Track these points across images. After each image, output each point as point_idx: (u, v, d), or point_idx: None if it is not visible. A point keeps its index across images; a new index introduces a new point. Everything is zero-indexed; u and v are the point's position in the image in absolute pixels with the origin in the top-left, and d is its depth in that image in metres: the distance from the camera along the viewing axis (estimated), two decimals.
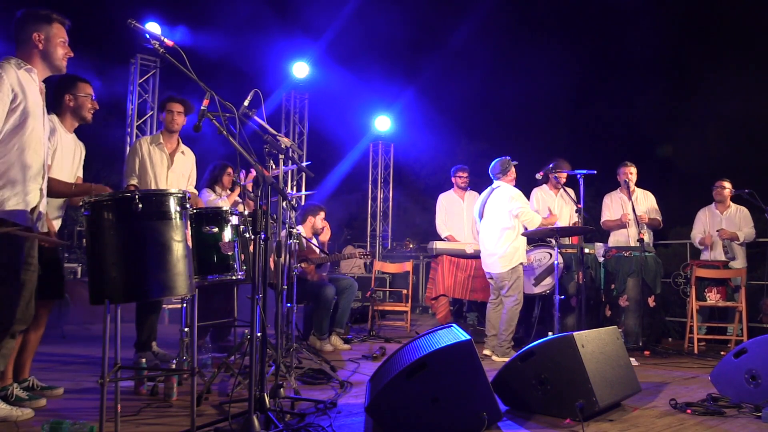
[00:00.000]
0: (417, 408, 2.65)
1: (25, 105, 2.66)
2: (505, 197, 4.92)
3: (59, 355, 4.60)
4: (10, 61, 2.69)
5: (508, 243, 4.87)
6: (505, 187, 4.99)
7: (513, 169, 5.06)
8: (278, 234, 3.25)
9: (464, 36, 15.62)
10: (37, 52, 2.78)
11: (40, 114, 2.75)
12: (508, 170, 5.03)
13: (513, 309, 4.86)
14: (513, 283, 4.87)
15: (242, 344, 3.71)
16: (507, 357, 4.73)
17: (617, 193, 6.02)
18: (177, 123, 4.23)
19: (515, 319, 4.86)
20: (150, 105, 7.94)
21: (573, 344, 2.99)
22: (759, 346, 3.26)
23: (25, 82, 2.69)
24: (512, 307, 4.86)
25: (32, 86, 2.73)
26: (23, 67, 2.71)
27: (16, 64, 2.69)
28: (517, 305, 4.87)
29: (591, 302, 5.52)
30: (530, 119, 17.34)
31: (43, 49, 2.78)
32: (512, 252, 4.86)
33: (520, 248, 4.92)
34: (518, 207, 4.88)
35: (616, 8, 15.35)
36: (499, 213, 4.93)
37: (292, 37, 12.87)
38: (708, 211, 6.19)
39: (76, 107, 3.41)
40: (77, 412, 2.96)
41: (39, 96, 2.77)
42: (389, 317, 7.82)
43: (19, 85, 2.65)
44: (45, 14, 2.81)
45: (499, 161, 5.07)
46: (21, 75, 2.68)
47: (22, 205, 2.66)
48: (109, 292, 2.36)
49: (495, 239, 4.93)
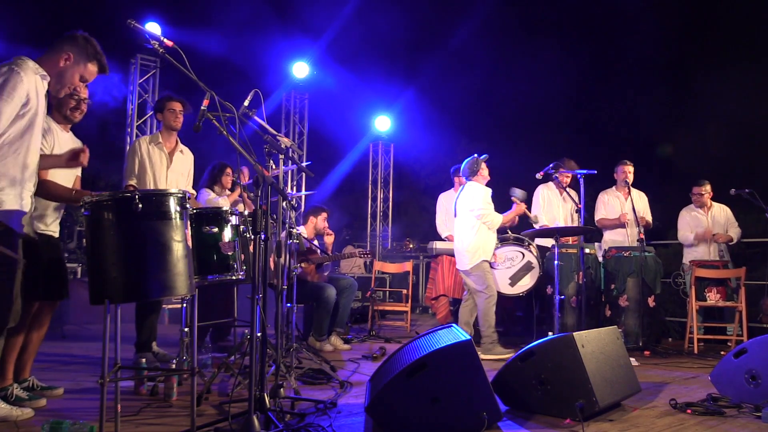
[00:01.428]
0: (417, 408, 2.65)
1: (35, 111, 2.65)
2: (469, 196, 5.08)
3: (59, 355, 4.60)
4: (28, 63, 2.66)
5: (472, 239, 5.01)
6: (473, 186, 5.12)
7: (483, 166, 5.16)
8: (278, 234, 3.25)
9: (464, 36, 15.61)
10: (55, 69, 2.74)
11: (41, 120, 2.75)
12: (477, 170, 5.14)
13: (485, 304, 4.92)
14: (478, 277, 4.95)
15: (242, 344, 3.71)
16: (491, 354, 4.75)
17: (614, 192, 6.01)
18: (179, 121, 4.23)
19: (490, 313, 4.91)
20: (150, 105, 7.94)
21: (573, 344, 2.99)
22: (759, 346, 3.26)
23: (40, 89, 2.69)
24: (483, 302, 4.92)
25: (42, 92, 2.72)
26: (39, 73, 2.69)
27: (34, 68, 2.67)
28: (489, 299, 4.92)
29: (591, 302, 5.52)
30: (530, 119, 17.33)
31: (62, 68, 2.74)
32: (475, 249, 4.98)
33: (482, 246, 5.01)
34: (479, 209, 5.00)
35: (616, 8, 15.33)
36: (465, 211, 5.09)
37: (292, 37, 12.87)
38: (692, 212, 6.13)
39: (58, 105, 3.38)
40: (77, 412, 2.96)
41: (45, 103, 2.76)
42: (389, 317, 7.82)
43: (35, 90, 2.64)
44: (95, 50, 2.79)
45: (467, 162, 5.20)
46: (37, 80, 2.67)
47: (18, 206, 2.65)
48: (109, 292, 2.36)
49: (462, 236, 5.10)
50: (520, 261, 5.35)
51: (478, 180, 5.15)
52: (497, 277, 5.30)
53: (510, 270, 5.39)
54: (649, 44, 15.61)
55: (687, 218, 6.13)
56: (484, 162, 5.18)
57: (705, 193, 6.04)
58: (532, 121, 17.38)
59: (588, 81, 16.76)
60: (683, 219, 6.16)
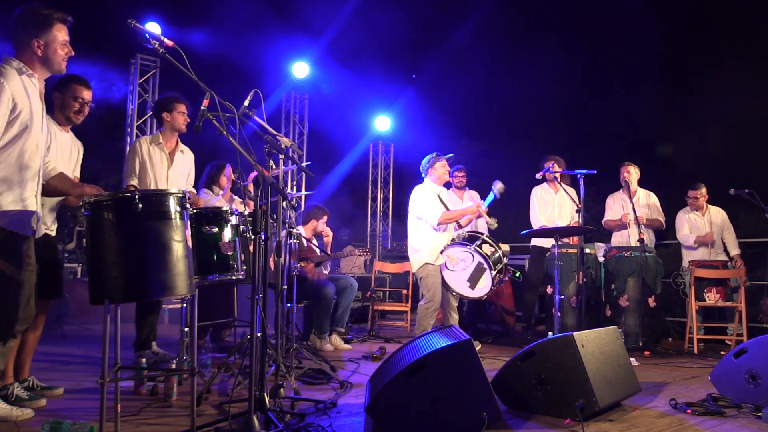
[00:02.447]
0: (417, 408, 2.65)
1: (26, 112, 2.63)
2: (412, 197, 5.03)
3: (59, 355, 4.60)
4: (12, 64, 2.63)
5: (414, 241, 4.96)
6: (418, 187, 5.06)
7: (438, 165, 5.03)
8: (278, 234, 3.25)
9: (464, 36, 15.60)
10: (36, 58, 2.70)
11: (39, 118, 2.72)
12: (429, 168, 5.06)
13: (421, 309, 4.85)
14: (423, 283, 4.89)
15: (242, 344, 3.71)
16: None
17: (619, 194, 6.02)
18: (186, 123, 4.21)
19: (425, 320, 4.80)
20: (150, 105, 7.93)
21: (573, 344, 2.99)
22: (759, 346, 3.26)
23: (28, 88, 2.66)
24: (422, 305, 4.86)
25: (33, 91, 2.70)
26: (25, 73, 2.66)
27: (17, 69, 2.64)
28: (427, 305, 4.82)
29: (591, 302, 5.52)
30: (530, 119, 17.30)
31: (42, 56, 2.70)
32: (417, 251, 4.93)
33: (425, 248, 4.89)
34: (417, 209, 4.92)
35: (616, 8, 15.33)
36: (411, 211, 5.03)
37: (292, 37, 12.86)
38: (688, 214, 6.12)
39: (62, 106, 3.39)
40: (77, 412, 2.96)
41: (39, 100, 2.74)
42: (389, 317, 7.82)
43: (21, 92, 2.61)
44: (45, 16, 2.67)
45: (424, 160, 5.11)
46: (24, 81, 2.64)
47: (20, 208, 2.64)
48: (109, 292, 2.36)
49: (409, 239, 5.05)
50: (472, 262, 4.86)
51: (432, 178, 5.06)
52: (455, 280, 4.91)
53: (465, 272, 4.89)
54: (649, 44, 15.60)
55: (684, 219, 6.13)
56: (445, 161, 5.06)
57: (701, 196, 6.03)
58: (532, 121, 17.36)
59: (588, 81, 16.76)
60: (681, 219, 6.16)
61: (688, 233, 6.02)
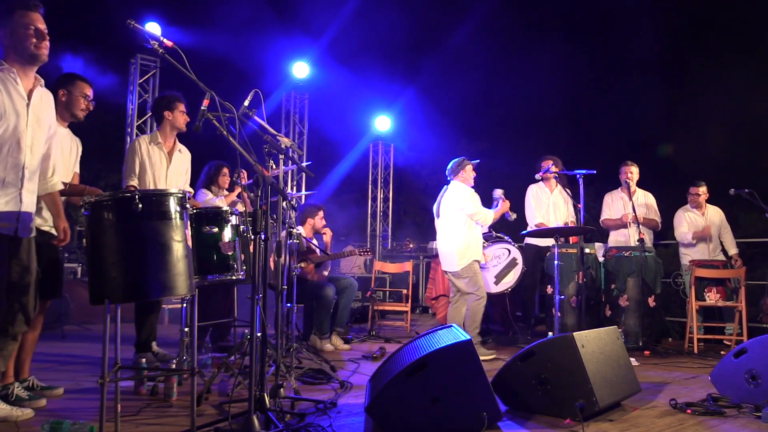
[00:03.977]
0: (417, 408, 2.65)
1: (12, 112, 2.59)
2: (456, 196, 5.05)
3: (59, 355, 4.60)
4: None
5: (460, 240, 4.98)
6: (457, 186, 5.10)
7: (469, 168, 5.15)
8: (278, 234, 3.25)
9: (464, 36, 15.62)
10: (8, 51, 2.63)
11: (22, 113, 2.65)
12: (459, 171, 5.13)
13: (475, 305, 4.92)
14: (470, 280, 4.94)
15: (242, 344, 3.71)
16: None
17: (618, 193, 6.01)
18: (186, 123, 4.20)
19: (479, 315, 4.92)
20: (150, 105, 7.93)
21: (573, 344, 2.99)
22: (759, 346, 3.26)
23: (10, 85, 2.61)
24: (474, 303, 4.92)
25: (12, 85, 2.62)
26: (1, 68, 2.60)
27: None
28: (479, 301, 4.92)
29: (591, 302, 5.52)
30: (530, 119, 17.33)
31: (8, 44, 2.61)
32: (465, 249, 4.96)
33: (472, 245, 5.00)
34: (471, 208, 4.99)
35: (616, 8, 15.35)
36: (452, 211, 5.06)
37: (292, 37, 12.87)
38: (687, 212, 6.12)
39: (68, 103, 3.39)
40: (77, 412, 2.96)
41: (20, 95, 2.66)
42: (389, 317, 7.82)
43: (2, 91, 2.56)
44: (7, 4, 2.59)
45: (453, 162, 5.19)
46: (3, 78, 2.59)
47: (13, 208, 2.62)
48: (109, 292, 2.36)
49: (449, 237, 5.07)
50: (506, 258, 5.35)
51: (461, 180, 5.12)
52: (484, 276, 5.23)
53: (496, 268, 5.41)
54: (649, 44, 15.61)
55: (683, 217, 6.13)
56: (472, 166, 5.16)
57: (702, 194, 6.05)
58: (532, 121, 17.38)
59: (588, 81, 16.78)
60: (679, 217, 6.16)
61: (686, 231, 6.02)
